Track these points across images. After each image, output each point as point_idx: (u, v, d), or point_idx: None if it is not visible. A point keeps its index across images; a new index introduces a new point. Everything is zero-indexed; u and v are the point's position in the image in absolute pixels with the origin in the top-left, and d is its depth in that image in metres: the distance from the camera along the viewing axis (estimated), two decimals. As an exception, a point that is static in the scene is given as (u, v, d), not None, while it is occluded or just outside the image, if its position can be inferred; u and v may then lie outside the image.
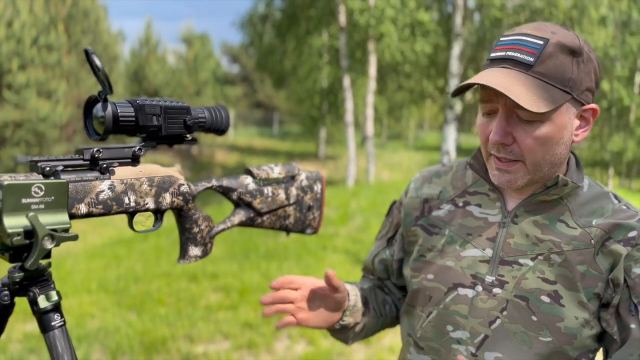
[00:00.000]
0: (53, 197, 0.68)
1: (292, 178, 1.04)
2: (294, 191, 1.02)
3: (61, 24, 16.83)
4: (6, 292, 0.71)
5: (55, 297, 0.71)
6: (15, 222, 0.65)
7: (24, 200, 0.65)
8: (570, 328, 0.91)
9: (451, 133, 13.57)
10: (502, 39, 0.92)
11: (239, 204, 0.96)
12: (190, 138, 0.86)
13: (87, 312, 4.34)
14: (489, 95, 0.89)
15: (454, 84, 13.05)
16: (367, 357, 3.56)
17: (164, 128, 0.80)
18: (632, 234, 0.91)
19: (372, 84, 13.42)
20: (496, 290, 0.95)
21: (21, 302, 0.90)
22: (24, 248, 0.66)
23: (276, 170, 1.00)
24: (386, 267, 1.15)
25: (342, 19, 13.26)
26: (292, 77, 17.73)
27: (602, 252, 0.92)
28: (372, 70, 13.49)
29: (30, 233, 0.65)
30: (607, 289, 0.91)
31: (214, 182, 0.92)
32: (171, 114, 0.81)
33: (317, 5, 13.98)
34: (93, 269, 5.95)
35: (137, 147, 0.79)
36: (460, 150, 27.02)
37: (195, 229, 0.89)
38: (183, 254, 0.90)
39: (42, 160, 0.70)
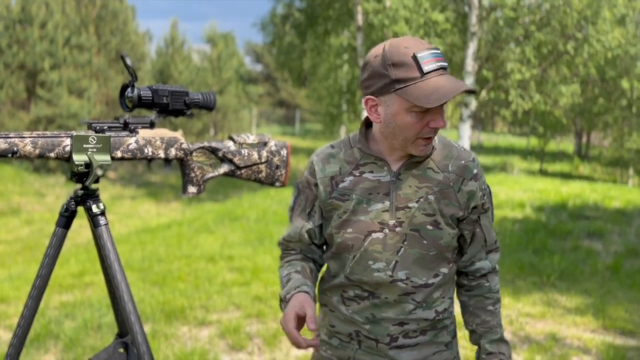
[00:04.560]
0: (101, 145, 1.11)
1: (264, 144, 1.45)
2: (264, 153, 1.44)
3: (92, 24, 17.58)
4: (73, 203, 1.15)
5: (102, 206, 1.14)
6: (79, 158, 1.08)
7: (84, 145, 1.09)
8: (446, 241, 1.35)
9: (466, 130, 13.83)
10: (420, 54, 1.18)
11: (223, 159, 1.38)
12: (189, 113, 1.28)
13: (115, 286, 4.83)
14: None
15: (469, 82, 13.29)
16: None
17: (171, 104, 1.23)
18: (475, 171, 1.35)
19: (388, 82, 13.76)
20: (398, 229, 1.32)
21: (56, 278, 1.35)
22: (84, 174, 1.10)
23: (251, 138, 1.42)
24: (310, 235, 1.42)
25: (360, 19, 13.64)
26: (313, 76, 18.20)
27: (461, 190, 1.34)
28: (389, 68, 13.83)
29: (88, 165, 1.09)
30: (465, 212, 1.36)
31: (205, 144, 1.35)
32: (176, 96, 1.23)
33: (335, 6, 14.40)
34: (120, 253, 6.42)
35: (154, 117, 1.23)
36: (481, 149, 27.12)
37: (192, 174, 1.32)
38: (184, 190, 1.32)
39: (95, 122, 1.14)
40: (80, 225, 1.22)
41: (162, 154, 1.23)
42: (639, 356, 3.47)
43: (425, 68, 1.19)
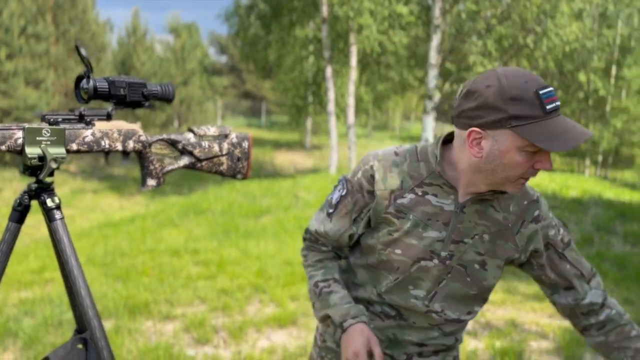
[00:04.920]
0: (55, 137, 1.09)
1: (225, 136, 1.44)
2: (225, 145, 1.43)
3: (49, 13, 17.03)
4: (26, 197, 1.12)
5: (57, 200, 1.12)
6: (32, 151, 1.06)
7: (37, 138, 1.06)
8: (489, 283, 1.33)
9: (430, 122, 14.02)
10: (542, 92, 1.09)
11: (183, 152, 1.37)
12: (147, 104, 1.26)
13: (76, 281, 4.73)
14: None
15: (432, 74, 13.47)
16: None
17: (128, 96, 1.21)
18: (536, 213, 1.30)
19: (353, 74, 13.83)
20: (447, 262, 1.28)
21: (14, 274, 1.32)
22: (38, 168, 1.07)
23: (212, 130, 1.41)
24: (350, 239, 1.37)
25: (325, 10, 13.62)
26: (278, 68, 18.10)
27: (520, 232, 1.29)
28: (353, 61, 13.88)
29: (42, 158, 1.06)
30: (522, 255, 1.31)
31: (165, 136, 1.33)
32: (133, 87, 1.21)
33: (300, -3, 14.34)
34: (81, 247, 6.33)
35: (110, 109, 1.20)
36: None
37: (151, 167, 1.30)
38: (143, 183, 1.31)
39: (49, 114, 1.11)
40: (40, 220, 1.19)
41: (119, 147, 1.22)
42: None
43: (548, 107, 1.10)
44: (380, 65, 15.59)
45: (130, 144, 1.24)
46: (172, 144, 1.34)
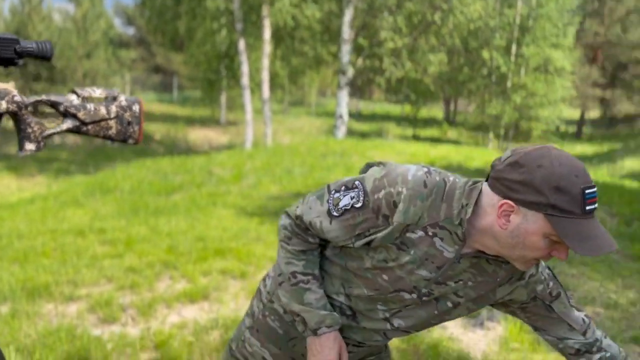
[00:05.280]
0: None
1: (113, 99, 1.37)
2: (114, 108, 1.36)
3: None
4: None
5: None
6: None
7: None
8: (450, 318, 1.35)
9: (344, 97, 14.21)
10: (588, 191, 1.08)
11: (66, 115, 1.29)
12: (21, 62, 1.17)
13: (-33, 267, 4.39)
14: None
15: (345, 50, 13.60)
16: (242, 288, 3.99)
17: (-1, 53, 1.11)
18: (524, 273, 1.30)
19: (267, 48, 13.66)
20: (424, 298, 1.30)
21: None
22: None
23: (97, 92, 1.34)
24: (343, 246, 1.32)
25: (236, -19, 13.28)
26: (189, 41, 17.49)
27: (501, 286, 1.30)
28: (267, 34, 13.71)
29: None
30: (510, 302, 1.34)
31: (44, 97, 1.24)
32: (4, 43, 1.12)
33: (210, -33, 13.87)
34: (-27, 231, 5.87)
35: (-23, 67, 1.10)
36: (360, 116, 28.02)
37: (29, 130, 1.21)
38: (20, 147, 1.21)
39: None
40: None
41: (-10, 108, 1.12)
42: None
43: (588, 208, 1.08)
44: (294, 40, 15.51)
45: (3, 105, 1.14)
46: (53, 105, 1.26)
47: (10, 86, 1.17)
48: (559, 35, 19.78)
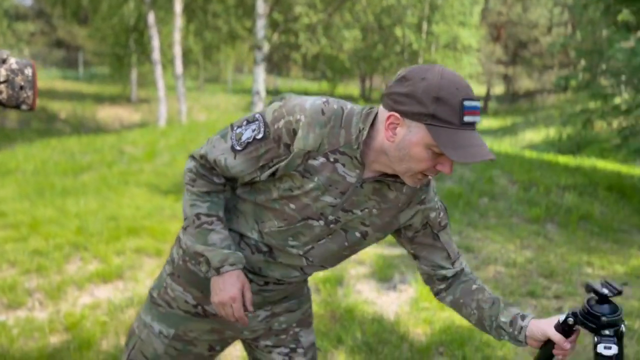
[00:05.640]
0: None
1: (2, 61, 1.30)
2: (3, 72, 1.28)
3: None
4: None
5: None
6: None
7: None
8: (363, 249, 1.41)
9: (260, 73, 14.04)
10: (467, 103, 1.12)
11: (-52, 78, 1.20)
12: None
13: None
14: None
15: (260, 25, 13.41)
16: (158, 266, 3.92)
17: None
18: (423, 196, 1.36)
19: (178, 21, 13.19)
20: (332, 225, 1.33)
21: None
22: None
23: (-16, 54, 1.25)
24: (250, 180, 1.34)
25: (143, -50, 12.65)
26: (94, 14, 16.49)
27: (403, 211, 1.35)
28: (178, 7, 13.22)
29: None
30: (405, 230, 1.40)
31: None
32: None
33: None
34: None
35: None
36: (277, 93, 27.85)
37: None
38: None
39: None
40: None
41: None
42: (402, 262, 4.07)
43: (465, 119, 1.13)
44: (207, 14, 15.07)
45: None
46: None
47: None
48: (465, 14, 20.64)
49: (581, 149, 13.23)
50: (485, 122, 23.53)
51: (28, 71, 1.37)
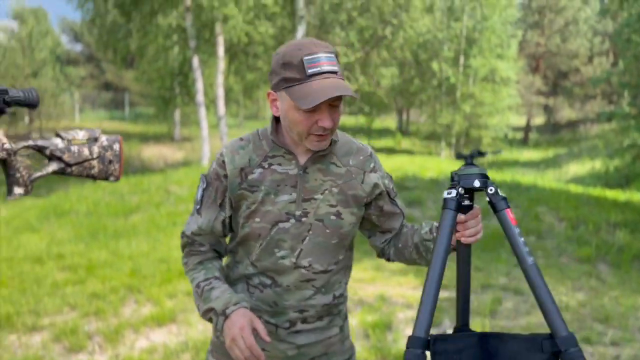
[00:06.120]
0: None
1: (95, 139, 1.44)
2: (96, 149, 1.42)
3: None
4: None
5: None
6: None
7: None
8: (346, 230, 1.44)
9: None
10: (307, 58, 1.26)
11: (52, 158, 1.34)
12: (11, 111, 1.23)
13: None
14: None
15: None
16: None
17: (-12, 104, 1.16)
18: (372, 165, 1.47)
19: (221, 65, 13.66)
20: (304, 219, 1.39)
21: None
22: None
23: (80, 134, 1.40)
24: (223, 226, 1.45)
25: (188, -1, 13.27)
26: (141, 58, 17.26)
27: (365, 182, 1.45)
28: (221, 51, 13.72)
29: None
30: (369, 198, 1.46)
31: (31, 142, 1.29)
32: (-7, 94, 1.17)
33: (161, -16, 13.80)
34: None
35: (-32, 117, 1.15)
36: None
37: (18, 175, 1.26)
38: (9, 192, 1.26)
39: None
40: None
41: (-19, 156, 1.17)
42: (451, 305, 4.04)
43: (309, 71, 1.26)
44: (248, 55, 15.58)
45: (-7, 153, 1.20)
46: (39, 150, 1.31)
47: (0, 134, 1.23)
48: (503, 47, 20.60)
49: (630, 182, 12.84)
50: (526, 154, 23.16)
51: (116, 146, 1.50)
